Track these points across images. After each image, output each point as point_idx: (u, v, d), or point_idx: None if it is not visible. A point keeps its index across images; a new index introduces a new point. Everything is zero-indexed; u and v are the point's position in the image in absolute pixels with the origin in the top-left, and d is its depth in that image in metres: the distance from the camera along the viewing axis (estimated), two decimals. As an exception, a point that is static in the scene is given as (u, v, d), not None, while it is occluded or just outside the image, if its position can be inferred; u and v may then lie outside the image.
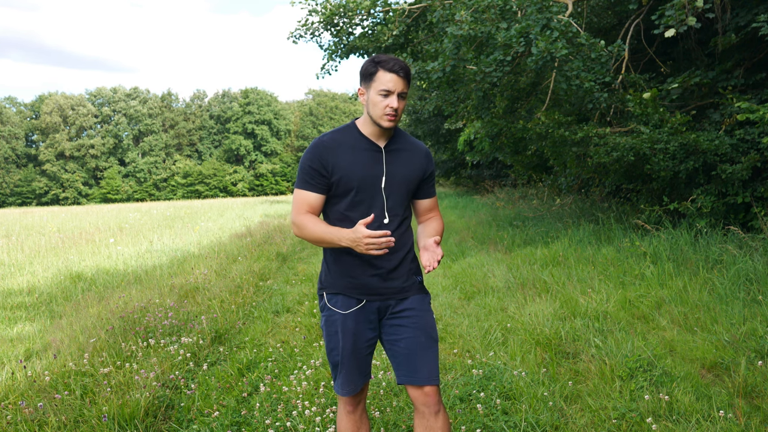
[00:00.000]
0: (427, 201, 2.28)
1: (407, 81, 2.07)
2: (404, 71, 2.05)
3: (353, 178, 2.09)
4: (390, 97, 2.05)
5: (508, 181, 18.74)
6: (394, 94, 2.04)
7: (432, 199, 2.30)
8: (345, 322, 2.15)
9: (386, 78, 2.04)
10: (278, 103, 78.35)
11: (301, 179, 2.13)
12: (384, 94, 2.04)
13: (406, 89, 2.07)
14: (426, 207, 2.29)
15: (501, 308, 5.23)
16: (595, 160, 7.13)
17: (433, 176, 2.28)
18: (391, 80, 2.04)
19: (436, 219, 2.29)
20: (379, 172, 2.12)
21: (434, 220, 2.28)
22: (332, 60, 11.36)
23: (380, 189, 2.12)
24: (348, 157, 2.10)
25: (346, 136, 2.15)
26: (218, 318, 5.03)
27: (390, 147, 2.16)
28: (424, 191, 2.27)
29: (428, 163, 2.25)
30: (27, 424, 2.98)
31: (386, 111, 2.05)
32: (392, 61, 2.05)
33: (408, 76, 2.07)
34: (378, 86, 2.05)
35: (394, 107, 2.04)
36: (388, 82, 2.03)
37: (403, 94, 2.07)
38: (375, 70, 2.05)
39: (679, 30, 5.99)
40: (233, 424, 3.10)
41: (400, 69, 2.04)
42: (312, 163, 2.10)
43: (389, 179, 2.13)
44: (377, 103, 2.06)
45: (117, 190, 70.49)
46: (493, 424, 2.98)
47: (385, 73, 2.04)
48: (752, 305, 4.29)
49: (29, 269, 8.83)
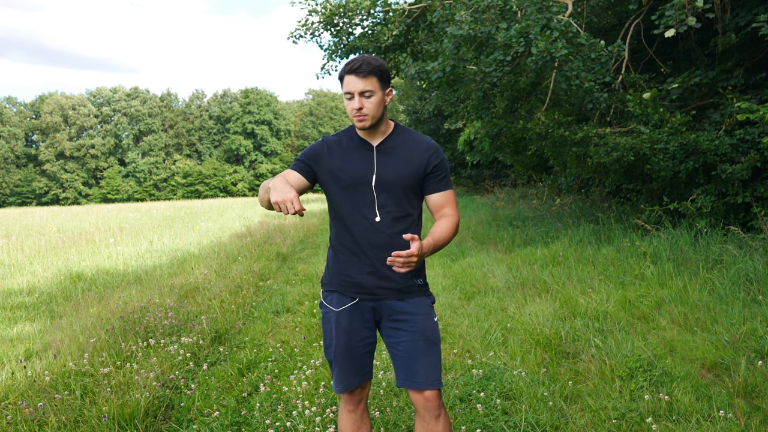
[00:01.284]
0: (435, 196, 2.16)
1: (372, 78, 2.01)
2: (364, 68, 1.99)
3: (342, 176, 2.12)
4: (353, 99, 2.04)
5: (508, 181, 18.74)
6: (355, 95, 2.03)
7: (442, 194, 2.17)
8: (338, 319, 2.16)
9: (346, 80, 2.04)
10: (278, 103, 78.40)
11: (294, 162, 2.18)
12: (348, 96, 2.05)
13: (370, 87, 2.01)
14: (436, 203, 2.17)
15: (501, 308, 5.23)
16: (595, 160, 7.13)
17: (440, 170, 2.16)
18: (349, 81, 2.02)
19: (445, 218, 2.14)
20: (369, 170, 2.12)
21: (443, 220, 2.13)
22: (332, 60, 11.36)
23: (371, 187, 2.11)
24: (340, 157, 2.14)
25: (343, 137, 2.19)
26: (218, 318, 5.03)
27: (383, 145, 2.15)
28: (431, 186, 2.16)
29: (431, 158, 2.14)
30: (27, 424, 2.98)
31: (353, 113, 2.05)
32: (353, 61, 2.02)
33: (373, 73, 2.01)
34: (344, 89, 2.06)
35: (355, 108, 2.03)
36: (347, 85, 2.03)
37: (368, 93, 2.02)
38: (343, 74, 2.06)
39: (679, 30, 5.99)
40: (233, 424, 3.10)
41: (358, 67, 1.99)
42: (306, 154, 2.17)
43: (380, 177, 2.11)
44: (347, 106, 2.08)
45: (117, 190, 70.49)
46: (493, 424, 2.98)
47: (347, 76, 2.03)
48: (752, 305, 4.29)
49: (29, 269, 8.83)
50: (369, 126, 2.08)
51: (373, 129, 2.12)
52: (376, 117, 2.07)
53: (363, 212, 2.11)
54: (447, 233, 2.08)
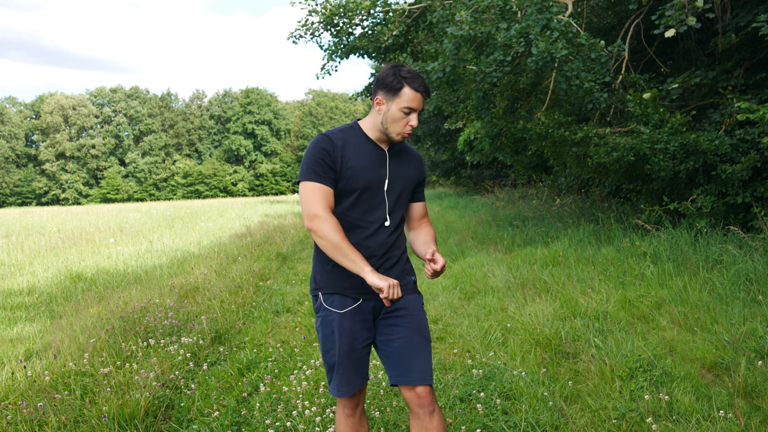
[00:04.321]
0: (420, 204, 2.32)
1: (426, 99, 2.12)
2: (427, 92, 2.09)
3: (359, 179, 2.09)
4: (411, 114, 2.07)
5: (508, 181, 18.73)
6: (416, 112, 2.07)
7: (423, 204, 2.34)
8: (341, 322, 2.14)
9: (412, 96, 2.05)
10: (278, 103, 78.39)
11: (313, 171, 2.05)
12: (407, 111, 2.06)
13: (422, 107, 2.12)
14: (419, 211, 2.32)
15: (501, 308, 5.23)
16: (595, 160, 7.13)
17: (424, 181, 2.35)
18: (416, 99, 2.05)
19: (428, 227, 2.31)
20: (383, 174, 2.15)
21: (428, 228, 2.30)
22: (332, 60, 11.36)
23: (383, 191, 2.14)
24: (355, 158, 2.10)
25: (351, 136, 2.14)
26: (218, 318, 5.03)
27: (392, 150, 2.20)
28: (417, 195, 2.31)
29: (422, 168, 2.32)
30: (27, 424, 2.97)
31: (406, 129, 2.09)
32: (419, 80, 2.05)
33: (429, 95, 2.12)
34: (402, 103, 2.05)
35: (414, 125, 2.08)
36: (412, 101, 2.05)
37: (421, 112, 2.11)
38: (401, 86, 2.04)
39: (679, 30, 5.98)
40: (233, 424, 3.10)
41: (426, 90, 2.07)
42: (322, 155, 2.05)
43: (391, 182, 2.16)
44: (397, 120, 2.07)
45: (117, 190, 70.48)
46: (493, 424, 2.98)
47: (411, 92, 2.04)
48: (752, 305, 4.29)
49: (29, 269, 8.83)
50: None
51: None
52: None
53: (375, 215, 2.14)
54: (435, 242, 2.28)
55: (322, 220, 2.01)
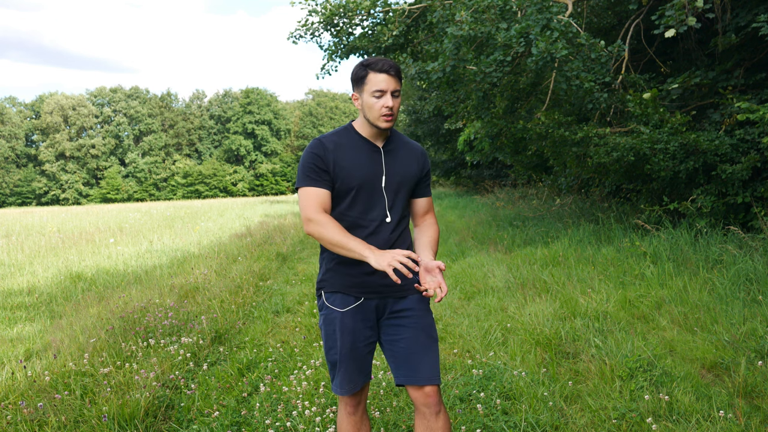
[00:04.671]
0: (423, 200, 2.30)
1: (398, 79, 2.09)
2: (394, 69, 2.06)
3: (354, 178, 2.11)
4: (384, 96, 2.06)
5: (508, 181, 18.73)
6: (388, 93, 2.06)
7: (428, 198, 2.32)
8: (343, 320, 2.15)
9: (378, 78, 2.06)
10: (278, 103, 78.37)
11: (307, 177, 2.10)
12: (378, 95, 2.06)
13: (398, 87, 2.08)
14: (423, 206, 2.30)
15: (501, 308, 5.23)
16: (595, 160, 7.13)
17: (429, 176, 2.31)
18: (384, 80, 2.05)
19: (432, 225, 2.28)
20: (379, 171, 2.15)
21: (431, 227, 2.27)
22: (332, 60, 11.36)
23: (381, 188, 2.14)
24: (348, 158, 2.12)
25: (344, 138, 2.16)
26: (218, 318, 5.03)
27: (388, 147, 2.19)
28: (421, 190, 2.29)
29: (425, 162, 2.28)
30: (27, 424, 2.97)
31: (382, 111, 2.07)
32: (381, 61, 2.06)
33: (399, 74, 2.08)
34: (371, 88, 2.07)
35: (389, 106, 2.06)
36: (380, 83, 2.05)
37: (396, 93, 2.08)
38: (365, 73, 2.07)
39: (679, 30, 5.99)
40: (233, 424, 3.10)
41: (390, 68, 2.05)
42: (315, 160, 2.10)
43: (389, 178, 2.15)
44: (372, 105, 2.07)
45: (117, 190, 70.47)
46: (493, 424, 2.98)
47: (375, 74, 2.06)
48: (752, 305, 4.29)
49: (29, 269, 8.83)
50: (390, 127, 2.12)
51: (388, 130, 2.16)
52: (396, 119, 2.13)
53: (374, 213, 2.14)
54: (437, 245, 2.23)
55: (315, 222, 2.05)
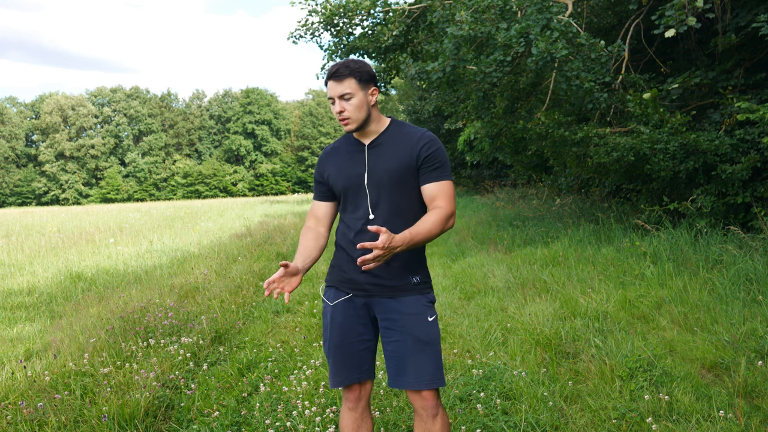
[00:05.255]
0: (428, 187, 2.11)
1: (350, 79, 2.04)
2: (339, 72, 2.04)
3: (339, 180, 2.18)
4: (335, 104, 2.09)
5: (508, 181, 18.74)
6: (336, 99, 2.08)
7: (434, 185, 2.10)
8: (333, 313, 2.21)
9: (329, 86, 2.11)
10: (278, 103, 78.40)
11: (314, 189, 2.33)
12: (331, 102, 2.11)
13: (348, 89, 2.05)
14: (428, 194, 2.11)
15: (501, 308, 5.23)
16: (595, 160, 7.13)
17: (433, 161, 2.10)
18: (330, 87, 2.09)
19: (433, 210, 2.07)
20: (361, 169, 2.15)
21: (430, 212, 2.07)
22: (332, 60, 11.36)
23: (363, 186, 2.14)
24: (336, 162, 2.22)
25: (341, 143, 2.28)
26: (218, 318, 5.02)
27: (374, 143, 2.16)
28: (424, 177, 2.11)
29: (423, 148, 2.10)
30: (27, 424, 2.97)
31: (338, 117, 2.12)
32: (333, 66, 2.09)
33: (351, 75, 2.04)
34: (327, 96, 2.14)
35: (336, 111, 2.09)
36: (329, 90, 2.11)
37: (347, 95, 2.06)
38: (325, 80, 2.14)
39: (679, 30, 5.99)
40: (233, 424, 3.10)
41: (334, 72, 2.06)
42: (315, 173, 2.30)
43: (371, 174, 2.13)
44: (334, 111, 2.13)
45: (117, 190, 70.49)
46: (493, 424, 2.98)
47: (328, 82, 2.10)
48: (752, 305, 4.29)
49: (29, 269, 8.83)
50: (355, 128, 2.12)
51: (362, 130, 2.14)
52: (360, 119, 2.10)
53: (359, 211, 2.15)
54: (430, 226, 1.99)
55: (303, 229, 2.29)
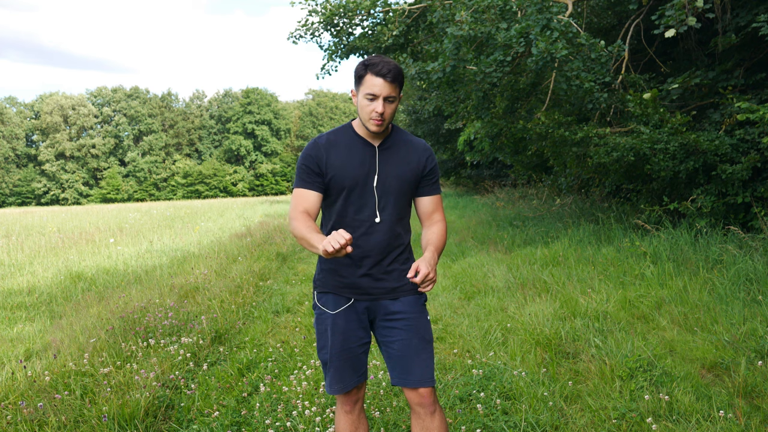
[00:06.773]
0: (427, 199, 2.21)
1: (396, 84, 2.01)
2: (392, 75, 1.99)
3: (346, 177, 2.10)
4: (375, 101, 2.01)
5: (508, 181, 18.74)
6: (380, 98, 2.00)
7: (433, 197, 2.21)
8: (335, 320, 2.16)
9: (373, 82, 1.99)
10: (278, 103, 78.39)
11: (299, 178, 2.13)
12: (370, 98, 2.01)
13: (394, 93, 2.02)
14: (427, 206, 2.22)
15: (501, 308, 5.23)
16: (595, 160, 7.13)
17: (433, 174, 2.21)
18: (378, 84, 1.99)
19: (437, 222, 2.19)
20: (371, 170, 2.12)
21: (436, 224, 2.19)
22: (332, 60, 11.36)
23: (372, 188, 2.11)
24: (341, 157, 2.11)
25: (340, 136, 2.15)
26: (218, 318, 5.02)
27: (384, 146, 2.15)
28: (424, 189, 2.21)
29: (427, 160, 2.19)
30: (27, 424, 2.97)
31: (371, 115, 2.03)
32: (381, 64, 1.99)
33: (397, 80, 2.01)
34: (365, 90, 2.01)
35: (378, 112, 2.01)
36: (374, 86, 1.99)
37: (391, 98, 2.02)
38: (364, 73, 2.02)
39: (679, 30, 5.99)
40: (233, 424, 3.10)
41: (387, 72, 1.98)
42: (308, 161, 2.11)
43: (381, 178, 2.11)
44: (364, 107, 2.04)
45: (117, 189, 70.49)
46: (493, 424, 2.98)
47: (372, 77, 1.99)
48: (752, 305, 4.29)
49: (29, 269, 8.83)
50: (382, 131, 2.08)
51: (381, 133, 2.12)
52: (389, 123, 2.09)
53: (364, 213, 2.11)
54: (443, 241, 2.15)
55: (293, 220, 2.06)
